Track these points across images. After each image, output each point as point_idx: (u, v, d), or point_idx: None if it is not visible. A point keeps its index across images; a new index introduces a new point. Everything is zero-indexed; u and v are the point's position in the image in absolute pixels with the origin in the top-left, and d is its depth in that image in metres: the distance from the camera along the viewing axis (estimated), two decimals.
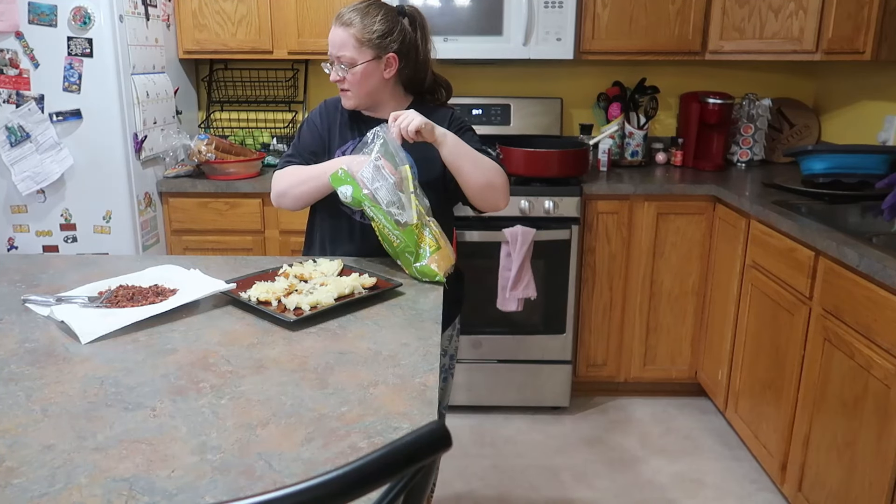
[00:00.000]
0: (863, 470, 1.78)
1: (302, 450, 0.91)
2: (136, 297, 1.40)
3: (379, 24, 1.65)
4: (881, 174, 2.42)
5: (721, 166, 3.11)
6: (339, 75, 1.69)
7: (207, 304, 1.43)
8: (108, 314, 1.32)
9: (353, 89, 1.70)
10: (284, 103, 3.34)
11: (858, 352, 1.80)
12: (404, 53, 1.70)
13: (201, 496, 0.82)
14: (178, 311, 1.37)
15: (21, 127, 2.57)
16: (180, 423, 0.97)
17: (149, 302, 1.38)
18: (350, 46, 1.65)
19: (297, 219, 2.81)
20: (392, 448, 0.60)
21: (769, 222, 2.30)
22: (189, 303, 1.39)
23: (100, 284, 1.48)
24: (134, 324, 1.29)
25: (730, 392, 2.63)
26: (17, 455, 0.89)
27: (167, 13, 2.91)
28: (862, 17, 2.45)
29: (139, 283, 1.48)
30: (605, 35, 2.92)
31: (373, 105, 1.75)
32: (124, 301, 1.38)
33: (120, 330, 1.27)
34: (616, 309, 2.89)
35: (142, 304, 1.37)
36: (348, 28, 1.65)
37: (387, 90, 1.73)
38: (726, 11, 2.87)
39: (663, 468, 2.54)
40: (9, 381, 1.09)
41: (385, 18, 1.67)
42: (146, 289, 1.45)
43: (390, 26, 1.66)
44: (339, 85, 1.72)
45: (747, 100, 3.13)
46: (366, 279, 1.50)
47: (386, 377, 1.12)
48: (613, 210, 2.78)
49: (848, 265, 1.85)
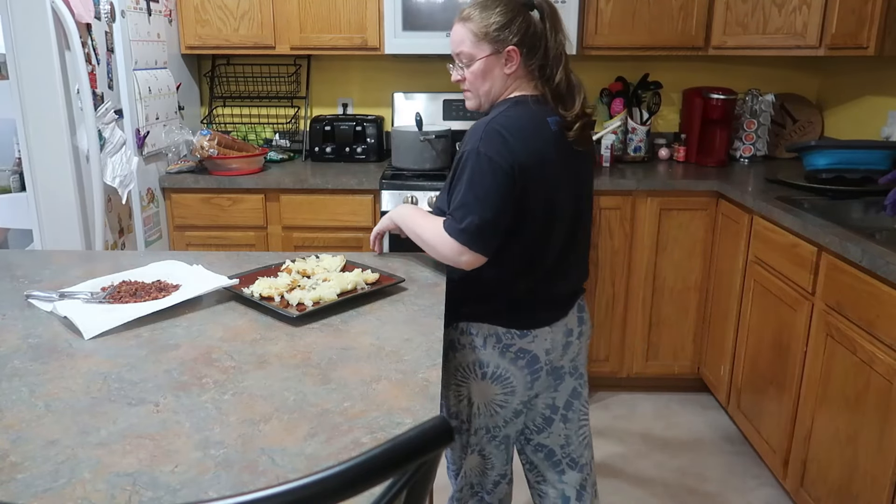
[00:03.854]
0: (865, 465, 1.78)
1: (305, 445, 0.92)
2: (139, 292, 1.41)
3: (497, 16, 1.52)
4: (884, 170, 2.41)
5: (724, 162, 3.10)
6: (459, 75, 1.59)
7: (210, 299, 1.43)
8: (112, 309, 1.32)
9: (472, 88, 1.58)
10: (287, 99, 3.34)
11: (861, 347, 1.79)
12: (527, 46, 1.53)
13: (204, 491, 0.82)
14: (180, 307, 1.37)
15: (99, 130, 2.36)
16: (183, 419, 0.97)
17: (151, 297, 1.38)
18: (468, 42, 1.54)
19: (300, 215, 2.81)
20: (395, 443, 0.61)
21: (772, 218, 2.29)
22: (192, 298, 1.39)
23: (103, 280, 1.48)
24: (137, 319, 1.29)
25: (732, 387, 2.63)
26: (20, 450, 0.89)
27: (169, 8, 2.90)
28: (865, 12, 2.44)
29: (142, 279, 1.49)
30: (608, 30, 2.92)
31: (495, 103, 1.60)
32: (127, 296, 1.38)
33: (123, 326, 1.27)
34: (619, 304, 2.89)
35: (144, 300, 1.37)
36: (466, 23, 1.54)
37: (508, 86, 1.57)
38: (730, 6, 2.86)
39: (665, 463, 2.54)
40: (12, 377, 1.09)
41: (505, 9, 1.52)
42: (149, 284, 1.45)
43: (511, 17, 1.51)
44: (461, 86, 1.61)
45: (750, 95, 3.12)
46: (368, 275, 1.50)
47: (389, 373, 1.12)
48: (616, 205, 2.78)
49: (851, 261, 1.84)
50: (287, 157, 3.21)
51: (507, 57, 1.53)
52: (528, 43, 1.52)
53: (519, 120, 1.50)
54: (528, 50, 1.53)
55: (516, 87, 1.57)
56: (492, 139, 1.46)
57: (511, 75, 1.55)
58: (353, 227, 2.80)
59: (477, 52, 1.54)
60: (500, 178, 1.44)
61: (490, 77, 1.55)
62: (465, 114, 3.19)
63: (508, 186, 1.45)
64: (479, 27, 1.52)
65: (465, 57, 1.56)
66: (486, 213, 1.43)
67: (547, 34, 1.54)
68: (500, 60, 1.53)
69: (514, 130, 1.47)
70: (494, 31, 1.51)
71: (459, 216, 1.45)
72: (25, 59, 2.15)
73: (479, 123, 1.50)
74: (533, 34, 1.53)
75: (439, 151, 2.80)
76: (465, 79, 1.58)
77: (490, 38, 1.52)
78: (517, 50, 1.51)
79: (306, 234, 2.84)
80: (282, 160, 3.17)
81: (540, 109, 1.53)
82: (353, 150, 3.15)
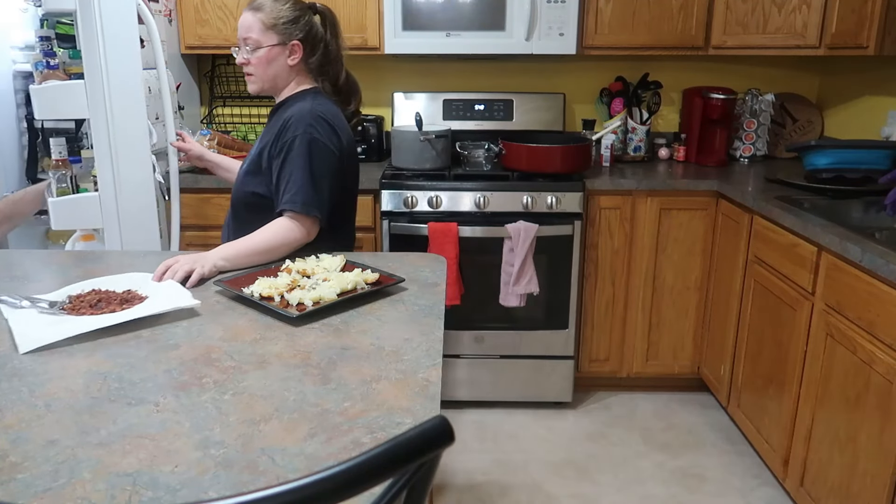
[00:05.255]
0: (865, 465, 1.78)
1: (305, 445, 0.92)
2: (101, 303, 1.35)
3: (286, 11, 1.73)
4: (884, 169, 2.41)
5: (724, 161, 3.10)
6: (244, 58, 1.76)
7: (210, 299, 1.43)
8: (58, 322, 1.27)
9: (256, 73, 1.76)
10: None
11: (861, 347, 1.80)
12: (310, 44, 1.77)
13: (204, 491, 0.82)
14: (133, 323, 1.30)
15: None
16: (183, 419, 0.97)
17: (110, 310, 1.32)
18: (256, 30, 1.72)
19: None
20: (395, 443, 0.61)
21: (772, 217, 2.29)
22: (147, 316, 1.32)
23: (75, 287, 1.43)
24: (122, 324, 1.28)
25: (732, 387, 2.63)
26: (20, 450, 0.89)
27: (169, 8, 2.90)
28: (865, 12, 2.44)
29: (113, 288, 1.43)
30: (608, 30, 2.92)
31: (275, 91, 1.81)
32: (86, 308, 1.33)
33: (120, 326, 1.27)
34: (618, 304, 2.89)
35: (103, 312, 1.32)
36: (256, 13, 1.72)
37: (290, 78, 1.79)
38: (729, 6, 2.86)
39: (665, 463, 2.54)
40: (12, 377, 1.09)
41: (294, 7, 1.74)
42: (118, 294, 1.40)
43: (297, 15, 1.74)
44: (244, 69, 1.78)
45: (750, 95, 3.12)
46: (368, 275, 1.50)
47: (388, 372, 1.12)
48: (616, 205, 2.78)
49: (851, 260, 1.84)
50: None
51: (291, 50, 1.75)
52: (311, 41, 1.77)
53: (332, 107, 1.78)
54: (311, 48, 1.77)
55: (300, 80, 1.81)
56: (320, 125, 1.70)
57: (293, 68, 1.78)
58: None
59: (264, 39, 1.73)
60: (330, 159, 1.70)
61: (274, 65, 1.76)
62: (466, 114, 3.19)
63: (337, 166, 1.72)
64: (268, 17, 1.72)
65: (252, 42, 1.74)
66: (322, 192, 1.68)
67: (327, 37, 1.80)
68: (284, 52, 1.75)
69: (332, 117, 1.74)
70: (283, 24, 1.72)
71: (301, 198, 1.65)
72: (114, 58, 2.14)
73: (302, 112, 1.70)
74: (315, 34, 1.78)
75: (439, 151, 2.80)
76: (249, 62, 1.76)
77: (278, 29, 1.73)
78: (300, 45, 1.75)
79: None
80: None
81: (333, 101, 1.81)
82: None
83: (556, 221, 2.70)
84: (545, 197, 2.68)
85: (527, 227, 2.64)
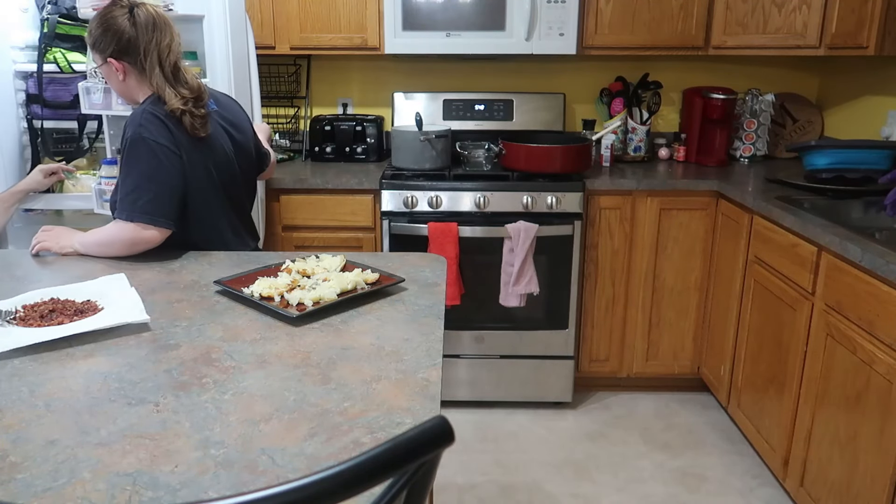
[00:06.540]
0: (865, 465, 1.78)
1: (305, 445, 0.92)
2: (54, 313, 1.31)
3: (94, 30, 1.70)
4: (884, 169, 2.41)
5: (724, 162, 3.10)
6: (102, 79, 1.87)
7: (210, 299, 1.43)
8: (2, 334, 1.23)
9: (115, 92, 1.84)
10: (287, 98, 3.33)
11: (861, 347, 1.80)
12: (126, 52, 1.70)
13: (204, 491, 0.82)
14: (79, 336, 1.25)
15: None
16: (183, 419, 0.97)
17: (58, 322, 1.28)
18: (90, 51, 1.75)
19: (300, 215, 2.81)
20: (395, 443, 0.61)
21: (772, 218, 2.29)
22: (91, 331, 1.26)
23: (35, 294, 1.38)
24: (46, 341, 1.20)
25: (732, 387, 2.63)
26: (20, 450, 0.89)
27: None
28: (865, 12, 2.44)
29: (74, 297, 1.39)
30: (608, 30, 2.92)
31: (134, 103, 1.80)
32: (35, 318, 1.29)
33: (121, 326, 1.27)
34: (618, 304, 2.89)
35: (52, 324, 1.27)
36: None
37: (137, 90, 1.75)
38: (730, 6, 2.86)
39: (665, 463, 2.54)
40: (12, 377, 1.09)
41: (97, 24, 1.69)
42: (76, 304, 1.35)
43: (101, 31, 1.69)
44: None
45: (750, 95, 3.12)
46: (368, 275, 1.50)
47: (388, 372, 1.12)
48: (616, 205, 2.78)
49: (850, 261, 1.84)
50: (287, 157, 3.21)
51: (114, 67, 1.71)
52: (125, 50, 1.69)
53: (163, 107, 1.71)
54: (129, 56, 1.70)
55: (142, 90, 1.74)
56: (149, 122, 1.66)
57: (125, 81, 1.74)
58: (354, 227, 2.81)
59: (95, 60, 1.75)
60: (165, 155, 1.65)
61: (113, 82, 1.76)
62: (466, 114, 3.19)
63: (173, 160, 1.67)
64: (88, 40, 1.73)
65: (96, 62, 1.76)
66: (159, 189, 1.64)
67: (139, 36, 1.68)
68: (111, 69, 1.72)
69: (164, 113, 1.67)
70: (95, 45, 1.70)
71: (132, 200, 1.64)
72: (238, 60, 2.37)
73: (134, 114, 1.69)
74: (128, 41, 1.68)
75: (439, 151, 2.80)
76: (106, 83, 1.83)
77: (96, 49, 1.71)
78: (117, 60, 1.70)
79: (306, 234, 2.84)
80: (282, 160, 3.17)
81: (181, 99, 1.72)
82: (353, 150, 3.15)
83: (556, 221, 2.70)
84: (545, 197, 2.68)
85: (527, 227, 2.64)
